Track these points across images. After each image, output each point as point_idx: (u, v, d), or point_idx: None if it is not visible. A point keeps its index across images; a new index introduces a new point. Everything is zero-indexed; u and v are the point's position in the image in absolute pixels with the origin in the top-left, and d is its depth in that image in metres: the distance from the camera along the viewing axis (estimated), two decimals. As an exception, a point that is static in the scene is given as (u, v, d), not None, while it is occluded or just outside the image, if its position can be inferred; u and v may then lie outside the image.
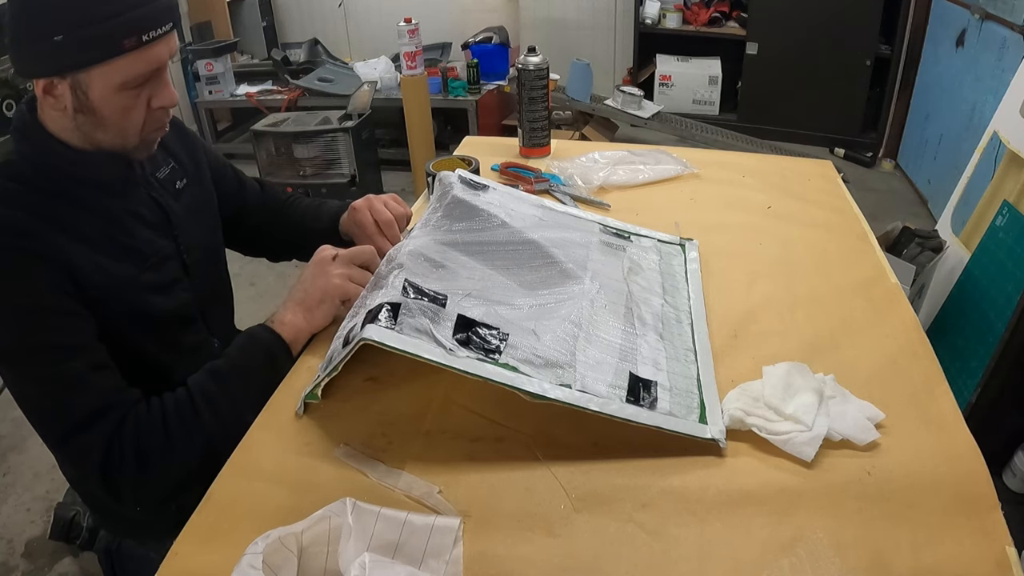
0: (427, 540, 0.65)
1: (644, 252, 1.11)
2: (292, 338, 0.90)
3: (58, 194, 0.84)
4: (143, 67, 0.80)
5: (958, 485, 0.72)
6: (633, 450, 0.77)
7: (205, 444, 0.83)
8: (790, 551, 0.65)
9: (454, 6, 3.98)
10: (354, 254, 0.95)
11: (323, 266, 0.92)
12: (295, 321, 0.90)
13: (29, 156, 0.84)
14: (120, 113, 0.82)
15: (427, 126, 3.20)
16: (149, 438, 0.81)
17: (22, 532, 1.68)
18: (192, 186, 1.03)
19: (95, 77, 0.78)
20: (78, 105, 0.80)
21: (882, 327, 0.96)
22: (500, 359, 0.78)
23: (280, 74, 3.83)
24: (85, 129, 0.83)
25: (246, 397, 0.84)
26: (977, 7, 2.73)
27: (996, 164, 1.92)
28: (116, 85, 0.80)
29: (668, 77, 3.94)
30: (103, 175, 0.88)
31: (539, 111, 1.49)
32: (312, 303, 0.91)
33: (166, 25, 0.81)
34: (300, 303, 0.91)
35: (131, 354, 0.89)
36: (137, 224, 0.91)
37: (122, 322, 0.87)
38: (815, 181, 1.42)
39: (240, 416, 0.81)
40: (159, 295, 0.92)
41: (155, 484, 0.83)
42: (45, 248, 0.80)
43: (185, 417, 0.83)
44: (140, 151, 0.89)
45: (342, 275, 0.92)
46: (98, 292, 0.84)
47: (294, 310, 0.91)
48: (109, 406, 0.80)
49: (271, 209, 1.20)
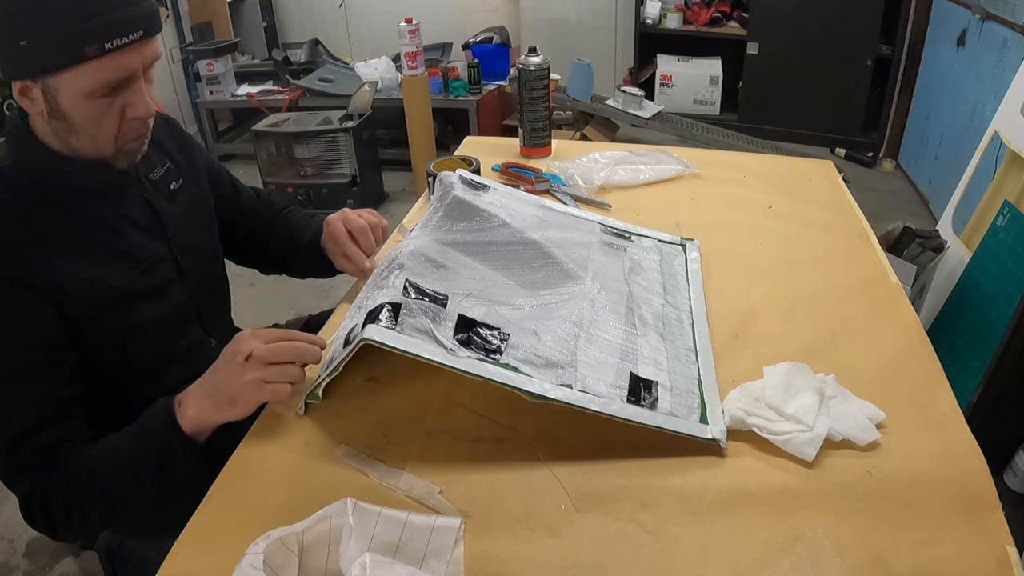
0: (428, 540, 0.65)
1: (645, 252, 1.11)
2: (195, 431, 0.79)
3: (51, 203, 0.83)
4: (109, 75, 0.78)
5: (959, 485, 0.72)
6: (634, 450, 0.77)
7: (104, 522, 0.84)
8: (791, 551, 0.65)
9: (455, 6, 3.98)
10: (273, 351, 0.77)
11: (234, 365, 0.77)
12: (201, 416, 0.78)
13: (23, 161, 0.84)
14: (91, 121, 0.81)
15: (428, 126, 3.21)
16: (54, 512, 0.80)
17: (23, 532, 1.68)
18: (188, 187, 1.02)
19: (62, 83, 0.77)
20: (51, 110, 0.79)
21: (883, 327, 0.96)
22: (501, 359, 0.78)
23: (281, 74, 3.83)
24: (61, 135, 0.82)
25: (138, 486, 0.79)
26: (978, 7, 2.72)
27: (997, 164, 1.92)
28: (83, 93, 0.78)
29: (669, 77, 3.94)
30: (93, 181, 0.87)
31: (540, 111, 1.49)
32: (222, 401, 0.77)
33: (134, 34, 0.78)
34: (210, 397, 0.78)
35: (120, 366, 0.88)
36: (129, 228, 0.91)
37: (113, 335, 0.87)
38: (816, 181, 1.42)
39: (137, 499, 0.80)
40: (151, 301, 0.91)
41: (69, 538, 0.86)
42: (33, 277, 0.79)
43: (82, 501, 0.79)
44: (119, 160, 0.87)
45: (255, 380, 0.76)
46: (87, 308, 0.83)
47: (202, 404, 0.78)
48: (35, 461, 0.79)
49: (265, 218, 1.20)
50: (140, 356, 0.91)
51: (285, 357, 0.78)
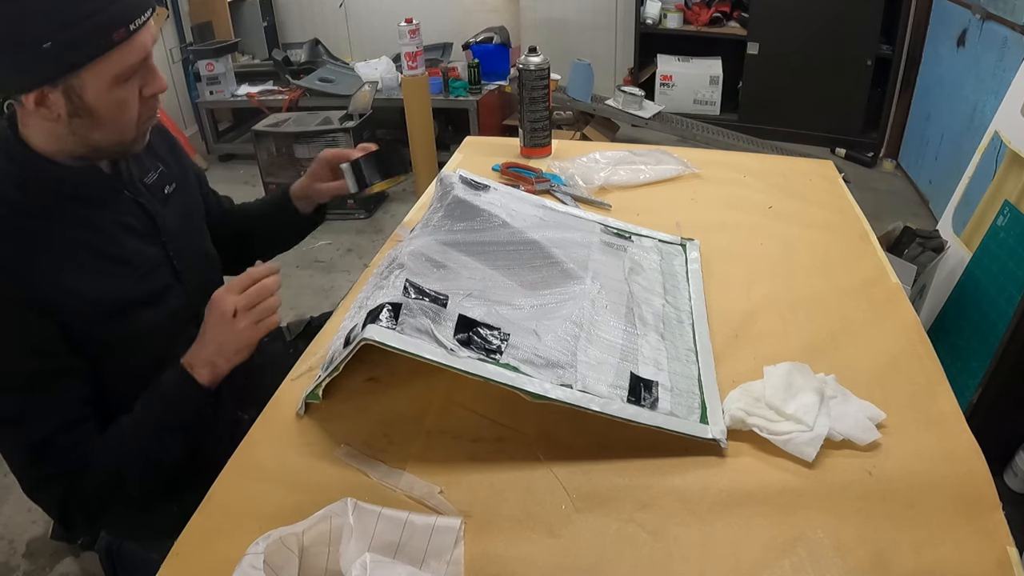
0: (428, 540, 0.65)
1: (645, 252, 1.11)
2: (211, 383, 0.87)
3: (44, 215, 0.82)
4: (134, 57, 0.79)
5: (959, 485, 0.72)
6: (634, 450, 0.77)
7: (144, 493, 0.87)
8: (791, 551, 0.65)
9: (455, 6, 3.98)
10: (250, 296, 0.86)
11: (225, 323, 0.86)
12: (217, 373, 0.87)
13: (14, 176, 0.82)
14: (117, 108, 0.81)
15: (428, 126, 3.20)
16: (91, 505, 0.83)
17: (23, 532, 1.68)
18: (180, 191, 1.02)
19: (87, 78, 0.77)
20: (73, 110, 0.79)
21: (883, 327, 0.96)
22: (501, 359, 0.78)
23: (281, 74, 3.83)
24: (82, 132, 0.81)
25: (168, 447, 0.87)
26: (978, 7, 2.72)
27: (997, 164, 1.92)
28: (110, 81, 0.78)
29: (669, 77, 3.94)
30: (89, 188, 0.87)
31: (540, 111, 1.49)
32: (230, 355, 0.86)
33: (148, 11, 0.80)
34: (218, 355, 0.86)
35: (118, 369, 0.88)
36: (125, 234, 0.90)
37: (111, 341, 0.86)
38: (816, 181, 1.42)
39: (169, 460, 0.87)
40: (149, 308, 0.91)
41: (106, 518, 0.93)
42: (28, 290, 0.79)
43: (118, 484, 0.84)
44: (138, 143, 0.88)
45: (249, 327, 0.86)
46: (85, 317, 0.83)
47: (214, 362, 0.86)
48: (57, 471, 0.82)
49: (243, 212, 1.23)
50: (138, 360, 0.90)
51: (262, 296, 0.87)
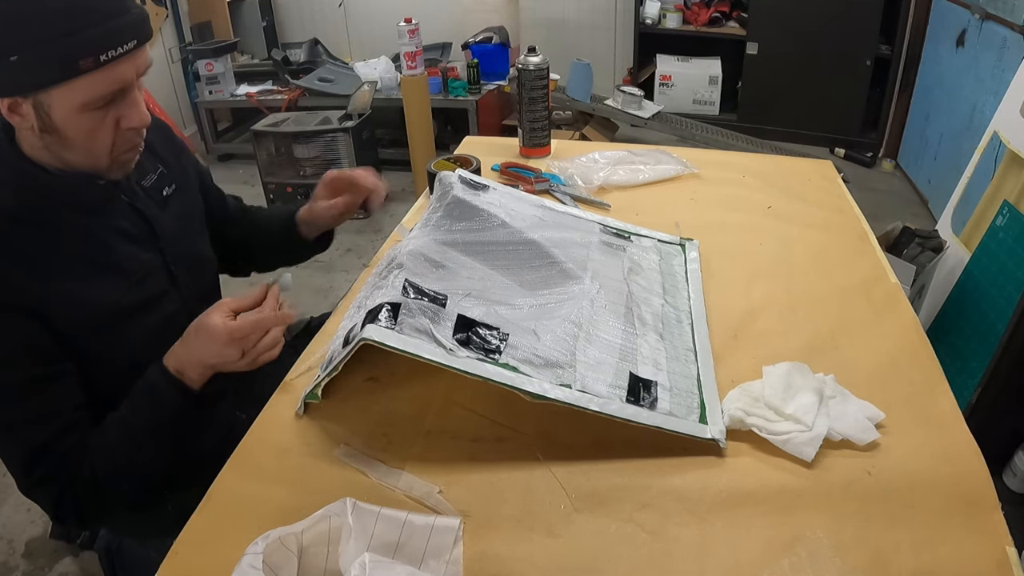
0: (427, 540, 0.65)
1: (644, 252, 1.11)
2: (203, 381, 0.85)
3: (38, 223, 0.82)
4: (104, 87, 0.76)
5: (958, 485, 0.72)
6: (633, 450, 0.77)
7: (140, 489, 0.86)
8: (790, 551, 0.65)
9: (454, 6, 3.97)
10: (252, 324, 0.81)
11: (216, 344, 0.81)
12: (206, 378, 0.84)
13: (8, 182, 0.82)
14: (86, 134, 0.79)
15: (427, 126, 3.20)
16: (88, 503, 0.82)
17: (22, 532, 1.68)
18: (180, 193, 1.01)
19: (55, 98, 0.75)
20: (43, 125, 0.77)
21: (882, 327, 0.96)
22: (500, 359, 0.78)
23: (280, 74, 3.82)
24: (54, 149, 0.81)
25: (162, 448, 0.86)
26: (977, 7, 2.72)
27: (996, 164, 1.92)
28: (77, 106, 0.76)
29: (668, 77, 3.94)
30: (79, 196, 0.85)
31: (539, 111, 1.49)
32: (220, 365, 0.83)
33: (128, 43, 0.76)
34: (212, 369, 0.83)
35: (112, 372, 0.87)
36: (120, 240, 0.89)
37: (105, 347, 0.86)
38: (815, 181, 1.42)
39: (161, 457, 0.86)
40: (143, 315, 0.90)
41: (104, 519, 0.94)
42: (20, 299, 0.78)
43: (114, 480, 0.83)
44: (113, 172, 0.86)
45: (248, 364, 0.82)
46: (78, 324, 0.82)
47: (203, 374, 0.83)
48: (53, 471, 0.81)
49: (251, 220, 1.21)
50: (132, 364, 0.89)
51: (263, 324, 0.82)
